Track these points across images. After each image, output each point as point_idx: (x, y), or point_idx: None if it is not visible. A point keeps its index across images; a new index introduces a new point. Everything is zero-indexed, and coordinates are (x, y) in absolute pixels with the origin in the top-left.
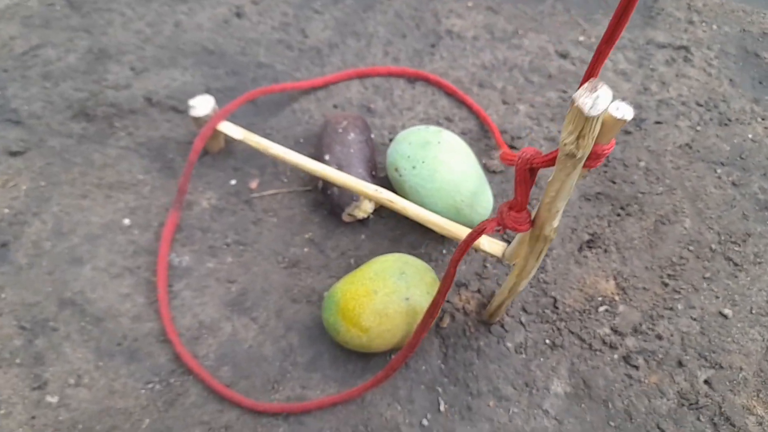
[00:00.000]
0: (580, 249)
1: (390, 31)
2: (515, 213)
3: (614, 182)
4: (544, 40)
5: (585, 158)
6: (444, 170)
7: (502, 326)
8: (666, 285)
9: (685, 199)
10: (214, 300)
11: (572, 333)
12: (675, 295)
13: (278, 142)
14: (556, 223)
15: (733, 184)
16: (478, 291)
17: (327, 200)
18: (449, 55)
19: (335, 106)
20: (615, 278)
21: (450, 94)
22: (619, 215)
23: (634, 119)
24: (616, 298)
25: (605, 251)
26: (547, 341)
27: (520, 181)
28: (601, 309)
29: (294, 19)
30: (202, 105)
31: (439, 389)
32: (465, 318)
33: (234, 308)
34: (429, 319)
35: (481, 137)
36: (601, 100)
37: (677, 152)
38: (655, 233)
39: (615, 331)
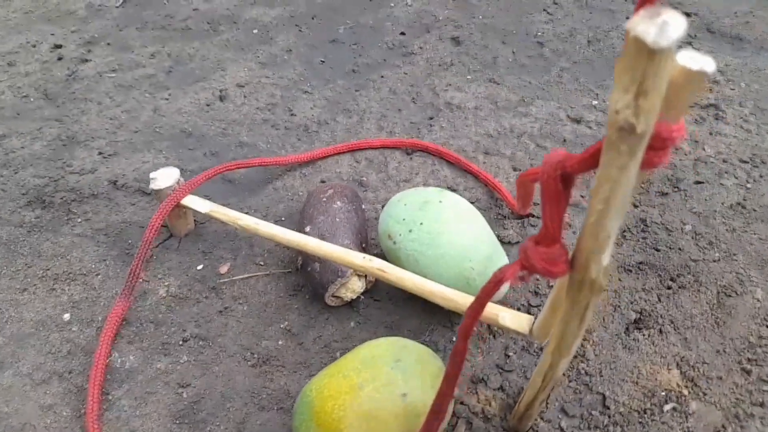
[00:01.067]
0: (628, 330)
1: (384, 106)
2: (545, 248)
3: (657, 249)
4: (554, 106)
5: (647, 137)
6: (449, 233)
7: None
8: (748, 372)
9: (750, 266)
10: (159, 410)
11: None
12: (763, 385)
13: None
14: (606, 260)
15: None
16: (501, 388)
17: (308, 281)
18: (449, 125)
19: (323, 182)
20: (679, 366)
21: (453, 163)
22: (669, 288)
23: (669, 180)
24: (685, 392)
25: (660, 332)
26: None
27: (550, 197)
28: (668, 408)
29: (281, 100)
30: (164, 177)
31: None
32: (486, 425)
33: (183, 421)
34: (434, 422)
35: (491, 206)
36: (671, 27)
37: (729, 213)
38: (720, 308)
39: None
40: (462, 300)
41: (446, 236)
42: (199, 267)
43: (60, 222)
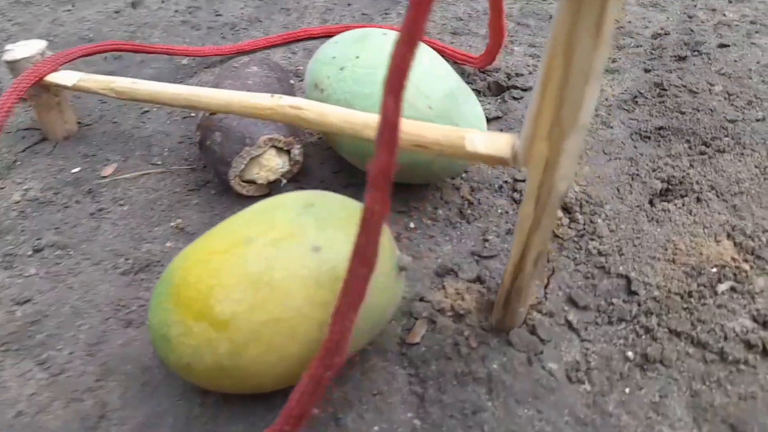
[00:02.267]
0: (653, 201)
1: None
2: None
3: (682, 112)
4: None
5: None
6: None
7: (533, 332)
8: None
9: None
10: None
11: (677, 335)
12: None
13: (161, 123)
14: None
15: None
16: (478, 279)
17: (209, 162)
18: None
19: None
20: (731, 236)
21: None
22: (704, 153)
23: (686, 44)
24: (745, 267)
25: (698, 201)
26: (630, 354)
27: None
28: (723, 288)
29: (206, 3)
30: (25, 48)
31: None
32: (456, 324)
33: (10, 345)
34: (353, 299)
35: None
36: None
37: (767, 72)
38: None
39: (761, 321)
40: (414, 130)
41: (381, 71)
42: (75, 170)
43: None
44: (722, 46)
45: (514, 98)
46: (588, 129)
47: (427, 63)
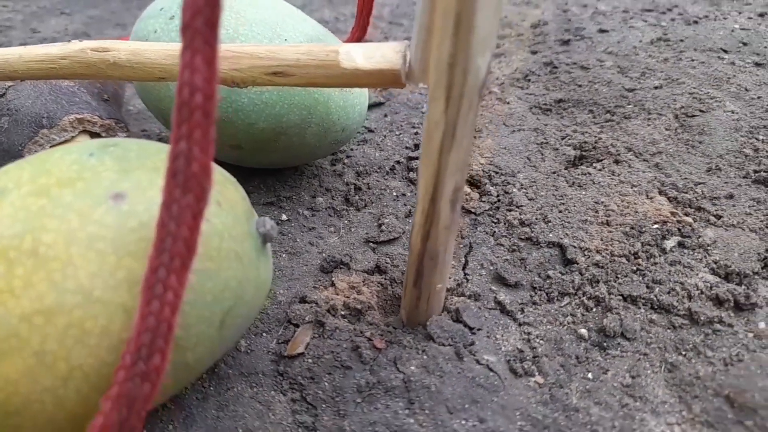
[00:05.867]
0: (572, 165)
1: None
2: None
3: (579, 85)
4: None
5: None
6: (238, 8)
7: (458, 318)
8: (765, 183)
9: (703, 86)
10: None
11: (633, 301)
12: None
13: None
14: None
15: (757, 65)
16: (377, 270)
17: None
18: None
19: None
20: (663, 192)
21: None
22: (610, 120)
23: (567, 30)
24: (688, 219)
25: (618, 162)
26: (583, 331)
27: None
28: (670, 244)
29: (21, 23)
30: None
31: None
32: (355, 325)
33: None
34: (177, 251)
35: None
36: None
37: (652, 48)
38: (686, 130)
39: (722, 273)
40: (270, 54)
41: (233, 15)
42: None
43: None
44: (602, 31)
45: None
46: (482, 105)
47: (284, 7)
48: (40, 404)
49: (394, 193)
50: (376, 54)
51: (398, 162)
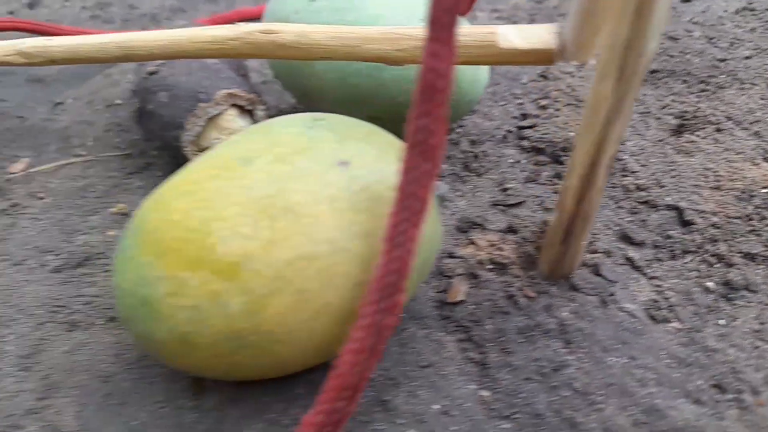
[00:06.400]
0: (676, 133)
1: None
2: None
3: (671, 56)
4: None
5: None
6: None
7: (597, 272)
8: None
9: None
10: None
11: (752, 259)
12: None
13: (80, 114)
14: None
15: None
16: (509, 229)
17: (151, 130)
18: None
19: None
20: (767, 159)
21: None
22: (705, 91)
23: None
24: None
25: (719, 131)
26: (710, 284)
27: None
28: None
29: (119, 0)
30: None
31: None
32: (503, 278)
33: None
34: (414, 210)
35: None
36: None
37: (738, 18)
38: None
39: None
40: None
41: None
42: None
43: None
44: (685, 1)
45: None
46: (578, 78)
47: None
48: (297, 334)
49: (510, 160)
50: (533, 35)
51: (509, 131)
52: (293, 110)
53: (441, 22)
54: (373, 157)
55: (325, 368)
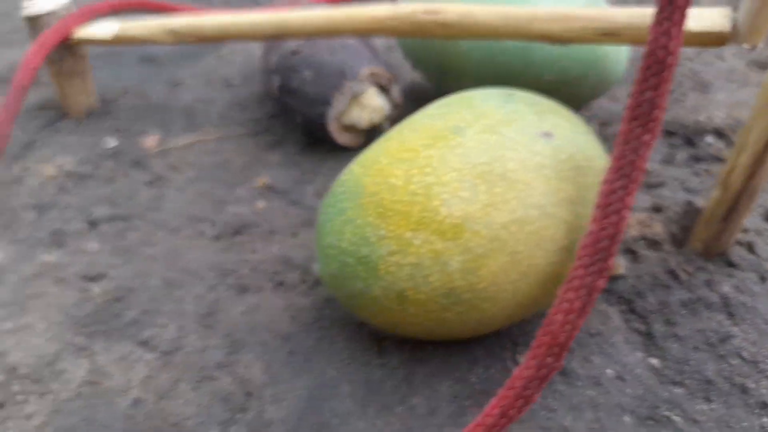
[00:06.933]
0: None
1: None
2: None
3: None
4: None
5: None
6: None
7: (752, 250)
8: None
9: None
10: (49, 316)
11: None
12: None
13: (200, 92)
14: None
15: None
16: (654, 208)
17: (293, 107)
18: None
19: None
20: None
21: None
22: None
23: None
24: None
25: None
26: None
27: None
28: None
29: None
30: (48, 2)
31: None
32: (658, 254)
33: (96, 328)
34: (630, 179)
35: None
36: None
37: None
38: None
39: None
40: (601, 15)
41: None
42: (112, 144)
43: None
44: None
45: None
46: (699, 63)
47: None
48: (504, 293)
49: None
50: (706, 18)
51: None
52: (421, 87)
53: (677, 4)
54: (569, 130)
55: (498, 336)
